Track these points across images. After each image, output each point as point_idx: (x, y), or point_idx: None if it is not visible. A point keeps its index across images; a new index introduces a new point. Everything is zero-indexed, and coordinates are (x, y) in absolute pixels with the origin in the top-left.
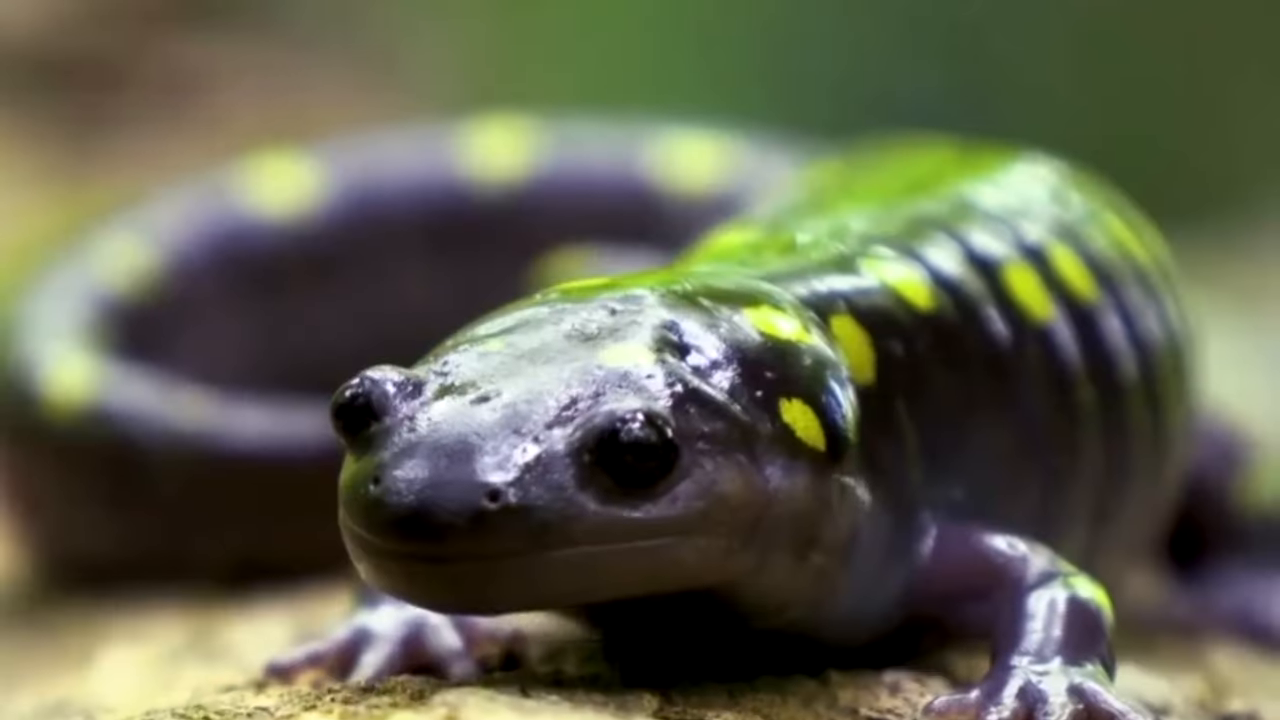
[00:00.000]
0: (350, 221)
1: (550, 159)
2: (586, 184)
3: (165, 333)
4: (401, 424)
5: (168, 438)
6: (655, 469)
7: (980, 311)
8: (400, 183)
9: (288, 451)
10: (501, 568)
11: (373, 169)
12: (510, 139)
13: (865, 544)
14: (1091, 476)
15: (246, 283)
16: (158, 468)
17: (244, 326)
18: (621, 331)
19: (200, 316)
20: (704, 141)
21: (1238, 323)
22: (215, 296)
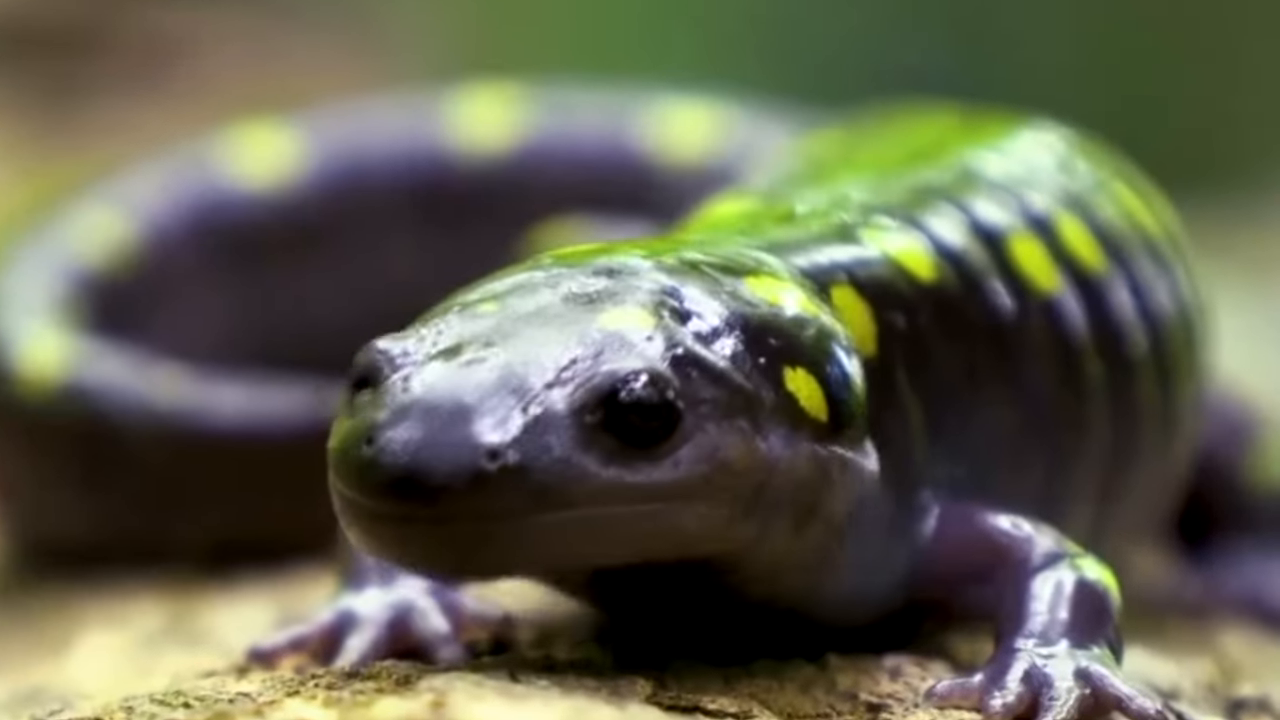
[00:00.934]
0: (334, 192)
1: (539, 127)
2: (576, 153)
3: (142, 308)
4: (395, 385)
5: (145, 416)
6: (658, 430)
7: (984, 283)
8: (385, 152)
9: (268, 429)
10: (499, 530)
11: (357, 138)
12: (498, 107)
13: (866, 520)
14: (1099, 453)
15: (226, 256)
16: (135, 446)
17: (223, 301)
18: (620, 295)
19: (178, 291)
20: (697, 110)
21: (1247, 294)
22: (194, 270)
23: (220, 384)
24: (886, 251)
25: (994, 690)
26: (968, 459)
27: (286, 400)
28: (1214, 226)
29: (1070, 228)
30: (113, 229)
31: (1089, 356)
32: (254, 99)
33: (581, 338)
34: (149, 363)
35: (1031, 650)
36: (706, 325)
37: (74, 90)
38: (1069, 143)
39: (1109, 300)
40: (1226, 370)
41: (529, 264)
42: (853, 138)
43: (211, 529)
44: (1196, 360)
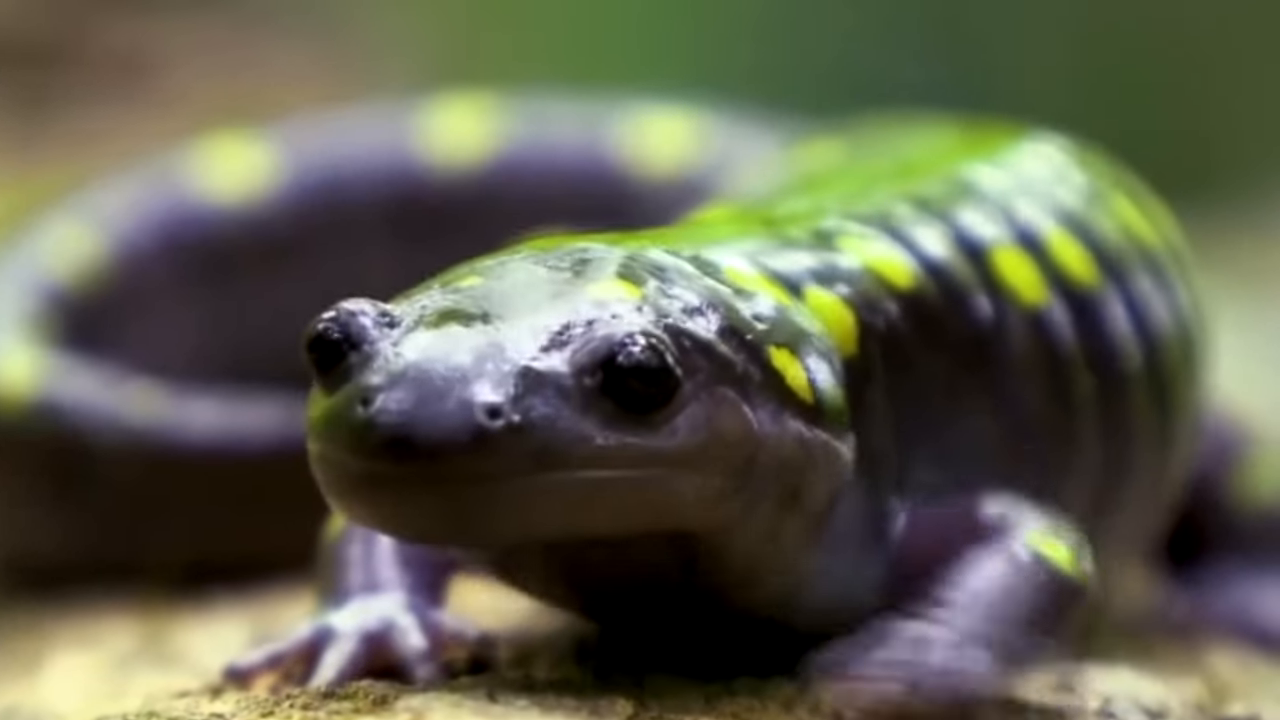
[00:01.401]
0: (307, 205)
1: (515, 138)
2: (552, 164)
3: (113, 323)
4: (385, 350)
5: (117, 432)
6: (657, 395)
7: (964, 293)
8: (359, 164)
9: (242, 445)
10: (497, 491)
11: (330, 150)
12: (473, 118)
13: (841, 519)
14: (1089, 469)
15: (198, 271)
16: (107, 464)
17: (196, 316)
18: (603, 271)
19: (150, 306)
20: (675, 119)
21: (1245, 307)
22: (166, 285)
23: (193, 400)
24: (863, 258)
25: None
26: (950, 468)
27: (260, 416)
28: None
29: (1060, 240)
30: (84, 244)
31: (1079, 370)
32: (227, 110)
33: (572, 305)
34: (121, 379)
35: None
36: (690, 302)
37: (46, 102)
38: (1067, 154)
39: (1101, 314)
40: (1219, 385)
41: (504, 252)
42: (846, 149)
43: (185, 547)
44: (1195, 377)
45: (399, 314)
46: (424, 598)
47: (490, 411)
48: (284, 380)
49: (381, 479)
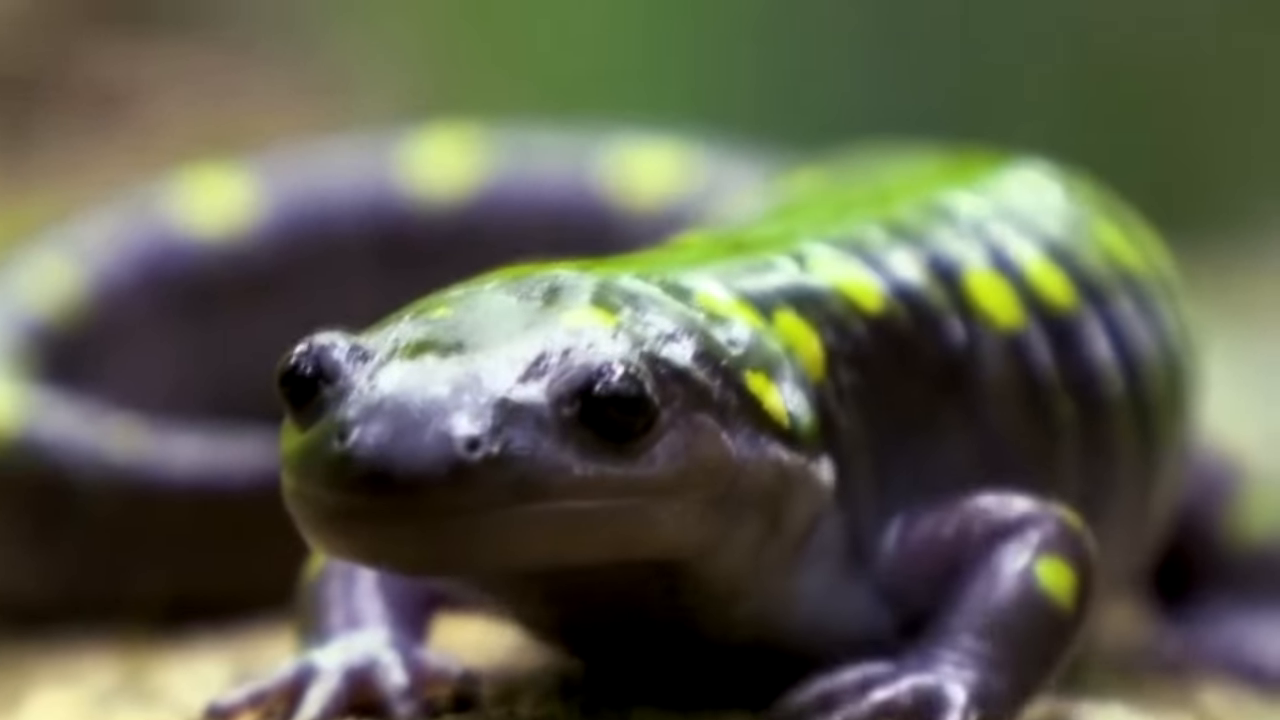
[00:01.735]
0: (289, 238)
1: (499, 171)
2: (537, 197)
3: (94, 358)
4: (359, 383)
5: (98, 469)
6: (635, 423)
7: (936, 316)
8: (341, 197)
9: (224, 482)
10: (477, 523)
11: (312, 182)
12: (457, 150)
13: (821, 544)
14: (1070, 494)
15: (180, 305)
16: (88, 500)
17: (178, 351)
18: (576, 299)
19: (131, 341)
20: (661, 151)
21: (1237, 340)
22: (147, 320)
23: (175, 436)
24: (831, 281)
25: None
26: (928, 492)
27: (242, 452)
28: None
29: (1039, 265)
30: (64, 278)
31: (1058, 395)
32: (208, 140)
33: (548, 334)
34: (102, 415)
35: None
36: (664, 329)
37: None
38: (1051, 180)
39: (1081, 338)
40: (1210, 419)
41: (473, 281)
42: (829, 176)
43: (166, 584)
44: (1180, 404)
45: (371, 346)
46: (407, 634)
47: (469, 443)
48: (267, 415)
49: (360, 513)
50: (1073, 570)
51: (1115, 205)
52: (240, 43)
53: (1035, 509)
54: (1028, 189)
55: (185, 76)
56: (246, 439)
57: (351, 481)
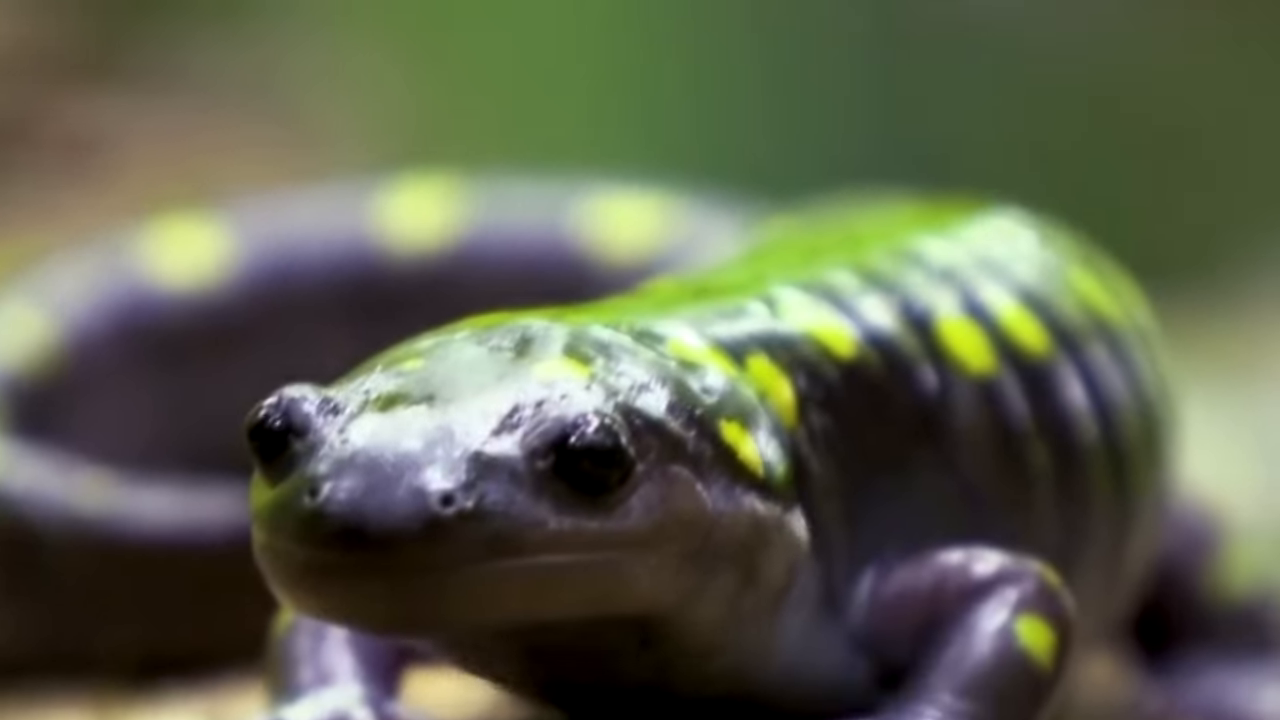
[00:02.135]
0: (261, 290)
1: (474, 222)
2: (513, 249)
3: (64, 410)
4: (331, 437)
5: (67, 522)
6: (611, 477)
7: (908, 362)
8: (315, 248)
9: (196, 535)
10: (451, 579)
11: (285, 233)
12: (432, 201)
13: (797, 593)
14: (1045, 541)
15: (151, 356)
16: (57, 554)
17: (149, 403)
18: (548, 350)
19: (102, 393)
20: (639, 203)
21: (1224, 394)
22: (117, 371)
23: (145, 489)
24: (804, 327)
25: None
26: (902, 538)
27: (214, 505)
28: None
29: (1012, 311)
30: (33, 328)
31: (1032, 441)
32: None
33: (520, 386)
34: (72, 467)
35: None
36: (638, 379)
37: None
38: (1027, 228)
39: (1055, 386)
40: (1189, 472)
41: (442, 331)
42: (801, 225)
43: (138, 639)
44: (1157, 452)
45: (342, 399)
46: (378, 689)
47: (443, 498)
48: (240, 468)
49: (331, 569)
50: (1051, 628)
51: (1090, 252)
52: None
53: (1013, 565)
54: (1001, 236)
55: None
56: (218, 492)
57: (323, 537)
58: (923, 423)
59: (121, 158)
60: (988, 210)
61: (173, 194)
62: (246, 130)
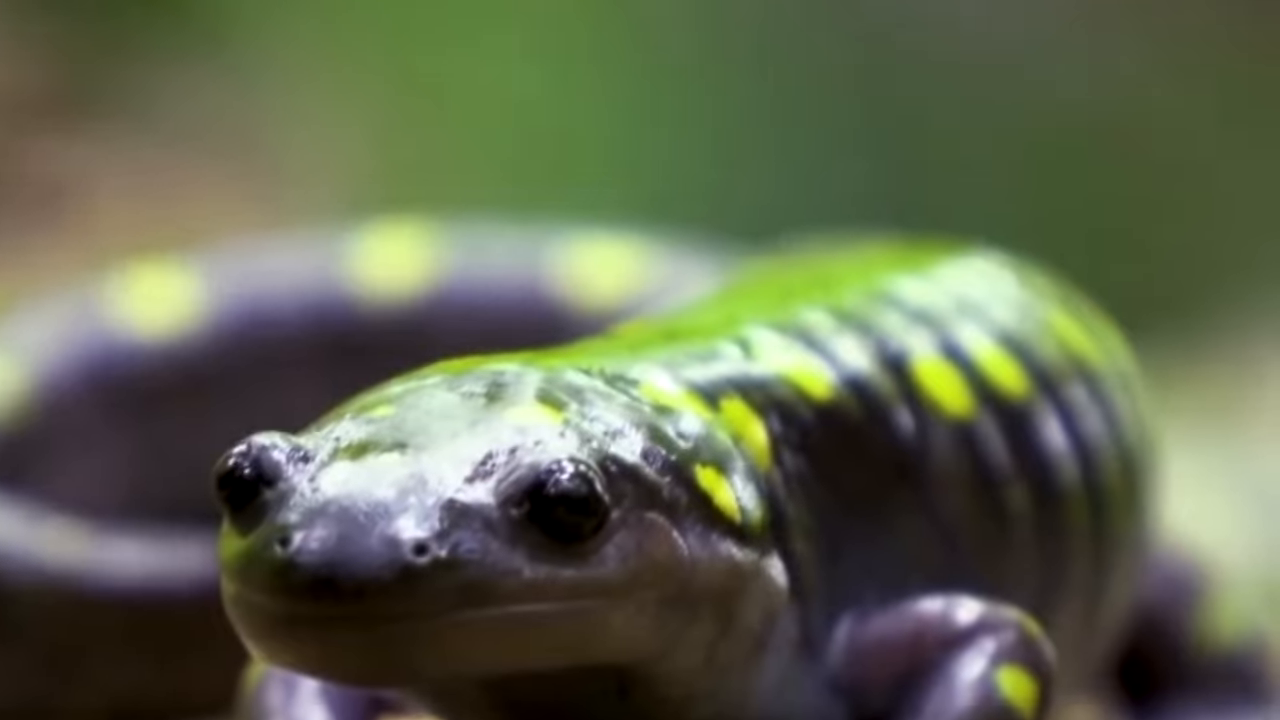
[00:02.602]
0: (234, 338)
1: (450, 270)
2: (488, 295)
3: (33, 460)
4: (301, 486)
5: (35, 575)
6: (586, 524)
7: (884, 404)
8: (288, 295)
9: (167, 588)
10: (427, 628)
11: (258, 281)
12: (406, 248)
13: (776, 641)
14: (1024, 584)
15: (122, 405)
16: (25, 608)
17: (120, 452)
18: (520, 395)
19: (72, 442)
20: (616, 249)
21: (1199, 436)
22: (88, 420)
23: (115, 541)
24: (778, 368)
25: None
26: (876, 582)
27: (185, 556)
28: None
29: (990, 353)
30: (2, 376)
31: (1010, 484)
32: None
33: (493, 433)
34: (41, 518)
35: None
36: (612, 425)
37: None
38: (1006, 270)
39: (1033, 428)
40: (1174, 518)
41: (413, 377)
42: (775, 266)
43: (108, 691)
44: (1138, 497)
45: (312, 447)
46: None
47: (416, 547)
48: (212, 518)
49: (303, 620)
50: (1033, 678)
51: (1070, 294)
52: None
53: (993, 614)
54: (980, 277)
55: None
56: (189, 543)
57: (294, 588)
58: (899, 465)
59: (92, 203)
60: (965, 251)
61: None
62: (218, 174)
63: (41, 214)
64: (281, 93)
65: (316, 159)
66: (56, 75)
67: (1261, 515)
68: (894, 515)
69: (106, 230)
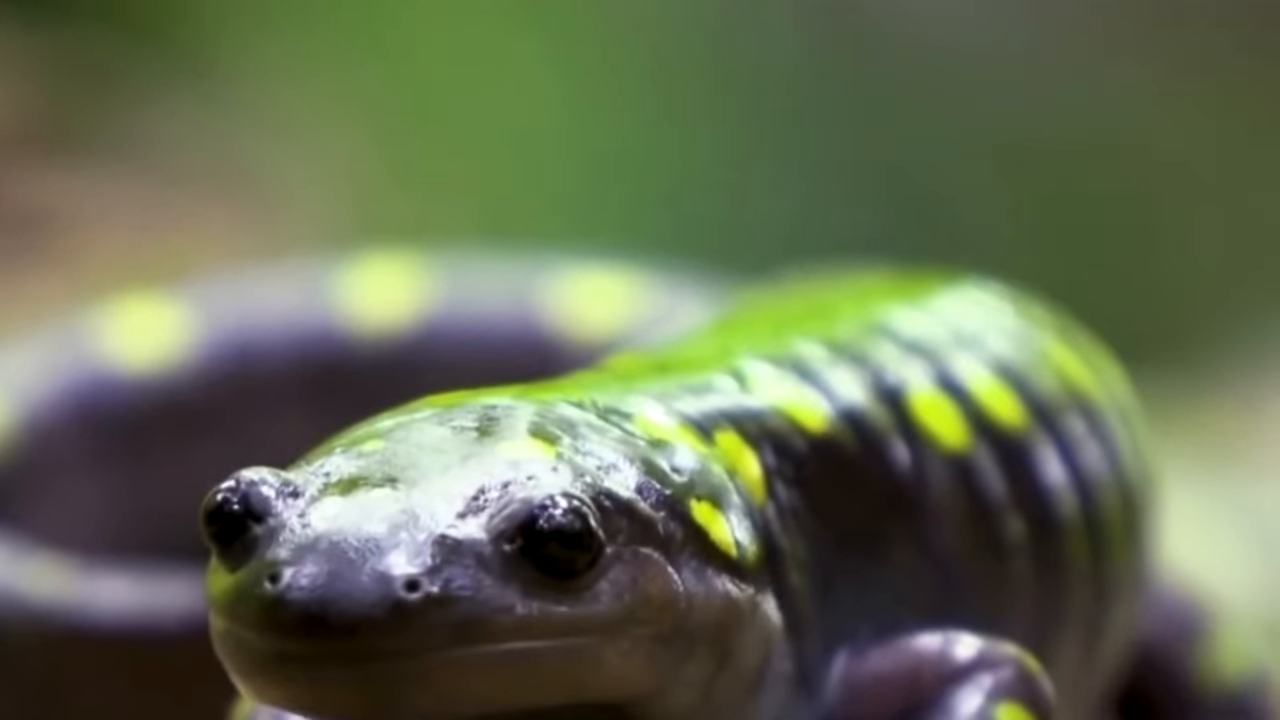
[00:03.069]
0: (223, 372)
1: (440, 301)
2: (480, 328)
3: (20, 495)
4: (290, 521)
5: (21, 611)
6: (580, 560)
7: (880, 437)
8: (277, 328)
9: (155, 625)
10: (418, 666)
11: (246, 313)
12: (396, 279)
13: (772, 677)
14: (1021, 617)
15: (110, 440)
16: (11, 644)
17: (108, 487)
18: (512, 429)
19: (59, 477)
20: (610, 281)
21: (1199, 472)
22: (75, 455)
23: (102, 577)
24: (772, 401)
25: None
26: (873, 616)
27: (173, 594)
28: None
29: (987, 385)
30: None
31: (1008, 517)
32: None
33: (485, 467)
34: (26, 554)
35: None
36: (605, 459)
37: None
38: (1004, 302)
39: (1031, 461)
40: (1175, 554)
41: (403, 410)
42: (768, 297)
43: None
44: (1137, 529)
45: (302, 482)
46: None
47: (408, 583)
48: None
49: (292, 658)
50: (1031, 716)
51: (1068, 325)
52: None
53: (991, 651)
54: (976, 307)
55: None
56: (177, 579)
57: (284, 625)
58: (895, 499)
59: (78, 234)
60: (962, 282)
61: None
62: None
63: (27, 245)
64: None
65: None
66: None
67: (1263, 551)
68: (890, 549)
69: (93, 262)
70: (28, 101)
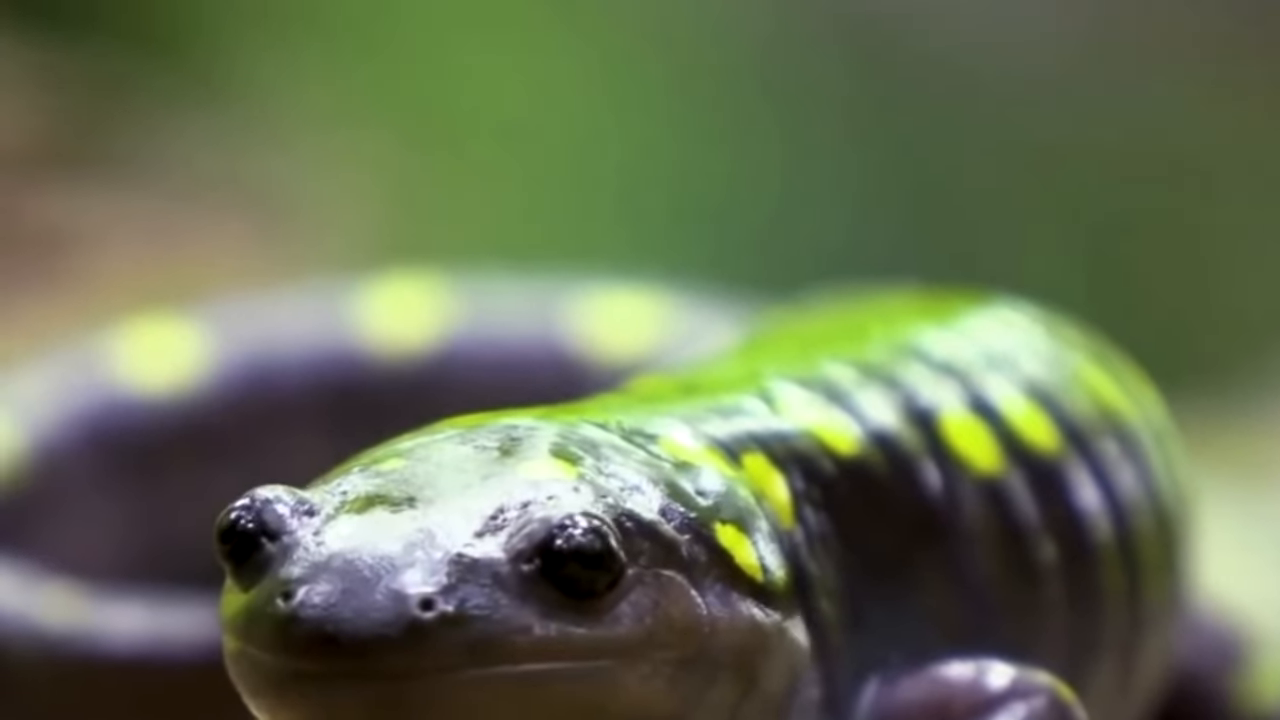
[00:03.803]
0: (239, 395)
1: (461, 323)
2: (502, 350)
3: (32, 520)
4: (305, 539)
5: (34, 639)
6: (600, 581)
7: (911, 460)
8: (294, 350)
9: (169, 652)
10: (433, 687)
11: (263, 335)
12: (417, 300)
13: (800, 704)
14: (1055, 642)
15: (123, 464)
16: (23, 672)
17: (121, 512)
18: (534, 449)
19: (71, 502)
20: (634, 302)
21: (1238, 495)
22: (88, 480)
23: (116, 603)
24: (803, 424)
25: None
26: (903, 643)
27: (188, 620)
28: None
29: (1020, 408)
30: (1, 435)
31: (1041, 541)
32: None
33: (505, 487)
34: (39, 580)
35: None
36: (629, 480)
37: None
38: (1037, 323)
39: (1064, 484)
40: (1214, 582)
41: (423, 431)
42: (796, 318)
43: None
44: (1173, 554)
45: (318, 501)
46: None
47: (423, 602)
48: (215, 580)
49: (306, 677)
50: None
51: (1102, 347)
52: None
53: (1024, 679)
54: (1009, 329)
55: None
56: (191, 606)
57: (297, 644)
58: (926, 523)
59: (93, 256)
60: (994, 303)
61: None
62: (222, 226)
63: (41, 267)
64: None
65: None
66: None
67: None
68: (921, 575)
69: (108, 284)
70: (40, 120)
